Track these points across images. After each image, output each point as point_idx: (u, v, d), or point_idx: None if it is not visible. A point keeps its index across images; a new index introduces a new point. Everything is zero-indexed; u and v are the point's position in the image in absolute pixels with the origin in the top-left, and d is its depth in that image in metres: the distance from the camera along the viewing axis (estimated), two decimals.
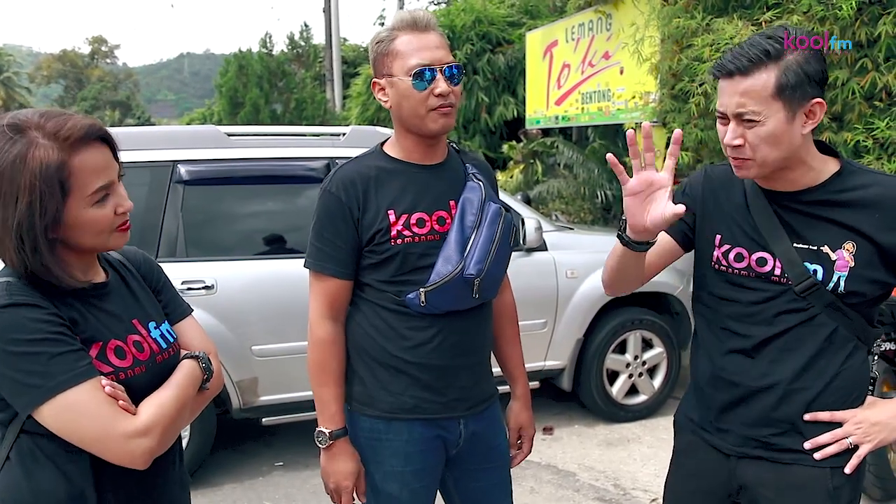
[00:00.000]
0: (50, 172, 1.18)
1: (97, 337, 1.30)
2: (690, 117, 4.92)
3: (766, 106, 1.44)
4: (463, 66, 1.76)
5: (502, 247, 1.80)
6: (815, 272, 1.53)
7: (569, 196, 7.95)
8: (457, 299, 1.77)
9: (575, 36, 7.28)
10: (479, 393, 1.89)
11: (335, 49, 16.15)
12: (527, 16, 10.46)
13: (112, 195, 1.29)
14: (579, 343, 4.30)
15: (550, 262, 4.22)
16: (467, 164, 1.89)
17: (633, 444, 4.15)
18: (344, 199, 1.76)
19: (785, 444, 1.58)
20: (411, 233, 1.75)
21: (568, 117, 7.59)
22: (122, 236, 1.34)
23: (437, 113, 1.73)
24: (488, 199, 1.81)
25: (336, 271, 1.79)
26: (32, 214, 1.19)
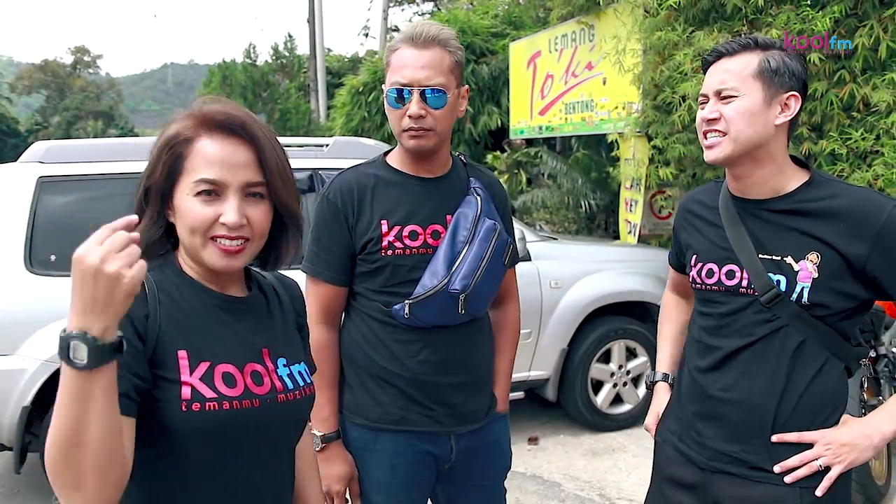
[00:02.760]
0: (172, 142, 1.16)
1: (208, 356, 1.15)
2: (673, 129, 4.97)
3: (745, 84, 1.51)
4: (446, 91, 1.72)
5: (494, 264, 1.78)
6: (779, 283, 1.53)
7: (553, 206, 7.96)
8: (441, 314, 1.76)
9: (558, 47, 7.32)
10: (472, 410, 1.86)
11: (319, 59, 16.16)
12: (510, 27, 10.50)
13: (224, 199, 1.15)
14: (564, 353, 4.32)
15: (534, 273, 4.23)
16: (472, 179, 1.87)
17: (618, 454, 4.16)
18: (340, 205, 1.78)
19: (754, 461, 1.57)
20: (402, 245, 1.75)
21: (552, 127, 7.62)
22: (223, 256, 1.16)
23: (408, 134, 1.73)
24: (483, 215, 1.79)
25: (331, 277, 1.80)
26: (150, 175, 1.16)
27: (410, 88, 1.70)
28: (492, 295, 1.87)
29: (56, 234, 3.39)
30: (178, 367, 1.12)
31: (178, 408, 1.09)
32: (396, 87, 1.71)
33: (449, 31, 1.75)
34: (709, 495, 1.65)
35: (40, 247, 3.38)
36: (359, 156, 3.89)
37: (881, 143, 3.78)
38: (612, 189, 6.85)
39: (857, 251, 1.48)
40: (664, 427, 1.81)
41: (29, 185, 3.43)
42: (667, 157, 5.18)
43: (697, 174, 5.28)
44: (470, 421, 1.86)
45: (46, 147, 3.64)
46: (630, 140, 5.80)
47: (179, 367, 1.12)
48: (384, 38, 16.86)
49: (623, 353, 4.49)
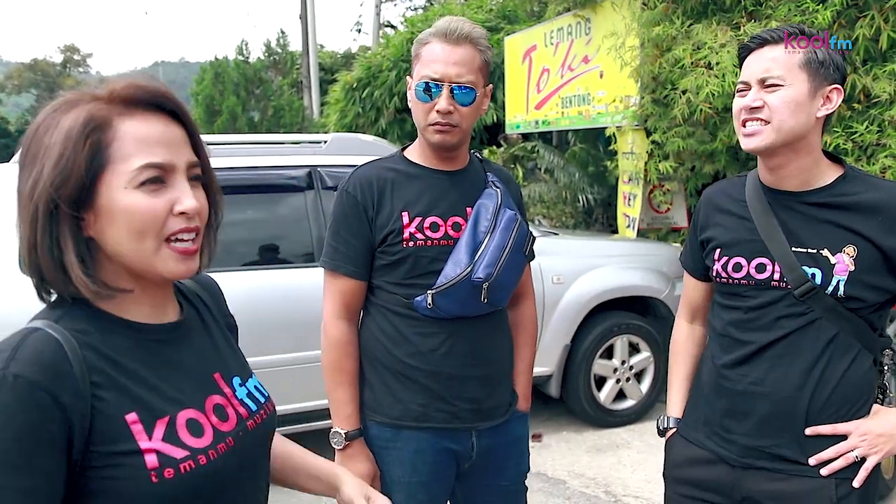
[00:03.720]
0: (81, 129, 0.91)
1: (164, 408, 0.96)
2: (672, 122, 4.94)
3: (791, 73, 1.48)
4: (476, 90, 1.73)
5: (515, 254, 1.78)
6: (814, 276, 1.51)
7: (550, 200, 7.93)
8: (465, 304, 1.75)
9: (554, 40, 7.28)
10: (494, 405, 1.85)
11: (312, 56, 16.08)
12: (505, 21, 10.46)
13: (171, 185, 0.96)
14: (566, 349, 4.29)
15: (536, 268, 4.18)
16: (489, 173, 1.89)
17: (623, 450, 4.14)
18: (360, 198, 1.76)
19: (788, 455, 1.56)
20: (424, 236, 1.74)
21: (548, 121, 7.59)
22: (182, 260, 0.97)
23: (434, 128, 1.73)
24: (504, 206, 1.80)
25: (350, 271, 1.78)
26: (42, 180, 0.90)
27: (440, 83, 1.70)
28: (514, 285, 1.86)
29: None
30: (133, 434, 0.92)
31: (147, 480, 0.92)
32: (426, 81, 1.71)
33: (480, 30, 1.76)
34: (738, 492, 1.63)
35: None
36: (357, 152, 3.87)
37: (886, 134, 3.75)
38: (610, 183, 6.83)
39: (893, 245, 1.48)
40: (685, 427, 1.77)
41: None
42: (666, 151, 5.16)
43: (696, 167, 5.26)
44: (492, 417, 1.84)
45: None
46: (628, 134, 5.77)
47: (133, 434, 0.92)
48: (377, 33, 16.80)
49: (626, 349, 4.47)
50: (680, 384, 1.85)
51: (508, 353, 1.94)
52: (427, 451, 1.79)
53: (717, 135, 4.68)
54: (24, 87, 61.97)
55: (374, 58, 11.29)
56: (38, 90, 61.25)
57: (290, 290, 3.56)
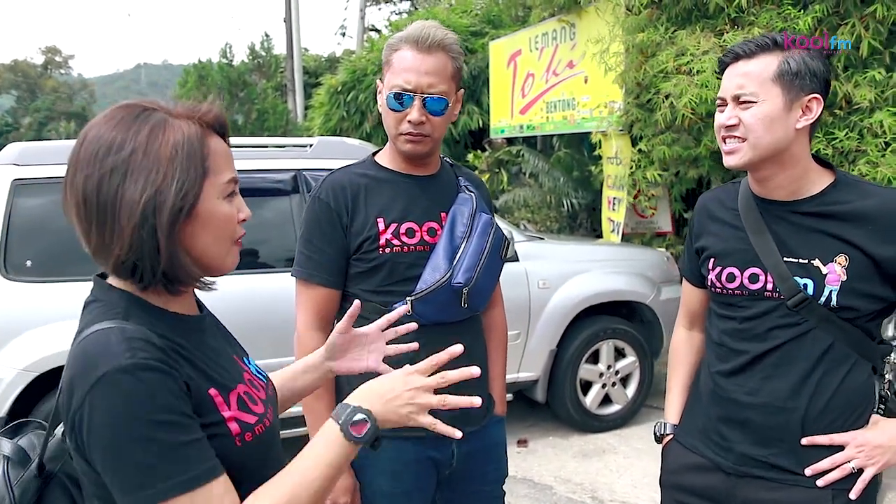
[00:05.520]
0: (193, 144, 1.02)
1: (229, 384, 1.09)
2: (657, 128, 4.96)
3: (764, 88, 1.47)
4: (448, 99, 1.73)
5: (492, 258, 1.78)
6: (806, 286, 1.51)
7: (534, 205, 7.95)
8: (444, 309, 1.74)
9: (539, 45, 7.31)
10: (473, 411, 1.84)
11: (296, 59, 16.03)
12: (489, 25, 10.47)
13: (236, 195, 1.10)
14: (552, 354, 4.29)
15: (522, 273, 4.20)
16: (460, 178, 1.88)
17: (609, 455, 4.14)
18: (333, 205, 1.74)
19: (784, 464, 1.56)
20: (400, 242, 1.74)
21: (533, 126, 7.60)
22: (237, 256, 1.12)
23: (406, 138, 1.72)
24: (479, 211, 1.80)
25: (324, 279, 1.76)
26: (166, 190, 0.98)
27: (412, 94, 1.69)
28: (492, 289, 1.86)
29: (32, 238, 3.30)
30: (217, 406, 1.04)
31: (233, 444, 1.05)
32: (397, 91, 1.69)
33: (452, 36, 1.74)
34: (734, 501, 1.62)
35: (16, 251, 3.28)
36: (343, 156, 3.85)
37: (865, 141, 3.79)
38: (595, 188, 6.85)
39: (886, 253, 1.47)
40: (682, 433, 1.78)
41: (3, 189, 3.33)
42: (651, 158, 5.19)
43: (681, 172, 5.29)
44: (471, 422, 1.84)
45: (21, 149, 3.53)
46: (613, 139, 5.79)
47: (217, 406, 1.04)
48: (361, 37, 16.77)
49: (612, 354, 4.48)
50: (678, 391, 1.85)
51: (485, 358, 1.94)
52: (408, 461, 1.77)
53: (702, 140, 4.71)
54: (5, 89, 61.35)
55: (359, 62, 11.27)
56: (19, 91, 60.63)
57: (274, 295, 3.53)
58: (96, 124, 1.02)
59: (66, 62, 66.86)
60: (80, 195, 1.00)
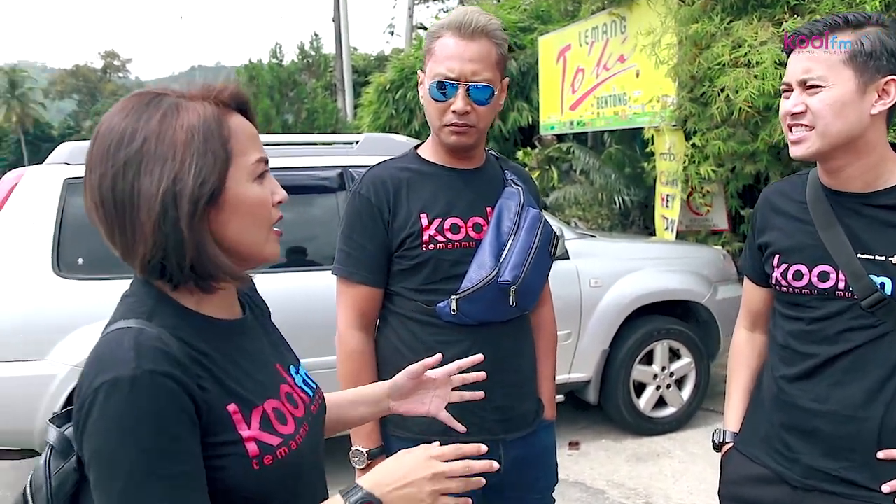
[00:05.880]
0: (209, 126, 0.93)
1: (254, 398, 0.98)
2: (712, 123, 4.80)
3: (834, 72, 1.35)
4: (493, 88, 1.64)
5: (541, 254, 1.71)
6: (883, 286, 1.39)
7: (586, 202, 7.82)
8: (491, 308, 1.67)
9: (589, 40, 7.17)
10: (521, 414, 1.78)
11: (345, 58, 16.13)
12: (538, 21, 10.34)
13: (268, 177, 1.01)
14: (605, 354, 4.17)
15: (573, 271, 4.09)
16: (506, 171, 1.81)
17: (664, 459, 4.01)
18: (374, 200, 1.68)
19: (857, 479, 1.43)
20: (444, 238, 1.67)
21: (583, 122, 7.47)
22: (277, 242, 1.03)
23: (451, 129, 1.65)
24: (527, 205, 1.73)
25: (365, 278, 1.70)
26: (184, 177, 0.90)
27: (456, 82, 1.61)
28: (541, 287, 1.79)
29: (84, 237, 3.32)
30: (234, 424, 0.95)
31: (249, 467, 0.94)
32: (440, 80, 1.62)
33: (496, 21, 1.66)
34: None
35: (68, 250, 3.32)
36: (390, 152, 3.76)
37: None
38: (647, 184, 6.69)
39: None
40: (743, 442, 1.66)
41: (56, 187, 3.37)
42: (706, 153, 5.03)
43: (737, 168, 5.11)
44: (519, 427, 1.77)
45: (72, 148, 3.57)
46: (666, 134, 5.64)
47: (235, 424, 0.95)
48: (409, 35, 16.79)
49: (666, 355, 4.33)
50: (738, 396, 1.72)
51: (533, 359, 1.86)
52: None
53: (759, 134, 4.54)
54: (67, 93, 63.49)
55: (407, 59, 11.27)
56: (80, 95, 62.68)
57: (322, 293, 3.49)
58: (108, 117, 0.95)
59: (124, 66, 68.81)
60: (98, 196, 0.93)
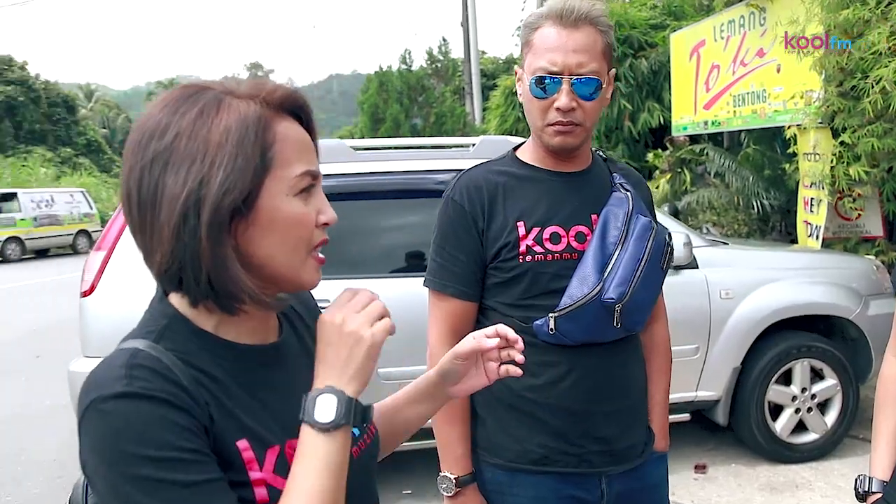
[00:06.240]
0: (248, 128, 0.83)
1: (272, 436, 0.87)
2: (864, 119, 4.35)
3: None
4: (600, 80, 1.48)
5: (652, 268, 1.52)
6: None
7: (720, 207, 7.36)
8: (593, 328, 1.50)
9: (724, 34, 6.74)
10: (627, 446, 1.59)
11: (474, 62, 16.16)
12: (670, 17, 9.90)
13: (316, 195, 0.90)
14: (736, 372, 3.85)
15: (702, 281, 3.80)
16: (615, 174, 1.63)
17: (803, 491, 3.64)
18: (468, 207, 1.55)
19: None
20: (543, 249, 1.51)
21: (718, 122, 7.04)
22: (318, 270, 0.92)
23: (554, 129, 1.50)
24: (636, 213, 1.55)
25: (459, 291, 1.58)
26: (211, 182, 0.80)
27: (558, 76, 1.46)
28: (651, 305, 1.60)
29: None
30: (244, 463, 0.84)
31: None
32: (541, 75, 1.47)
33: (600, 7, 1.49)
34: None
35: None
36: None
37: None
38: (789, 187, 6.20)
39: None
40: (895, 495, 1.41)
41: None
42: (857, 153, 4.57)
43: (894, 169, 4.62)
44: (625, 459, 1.59)
45: None
46: (810, 133, 5.18)
47: (245, 463, 0.84)
48: None
49: (807, 375, 3.94)
50: (886, 439, 1.46)
51: (643, 384, 1.67)
52: (549, 499, 1.54)
53: None
54: None
55: None
56: None
57: None
58: (149, 108, 0.87)
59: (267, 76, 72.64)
60: (125, 189, 0.85)
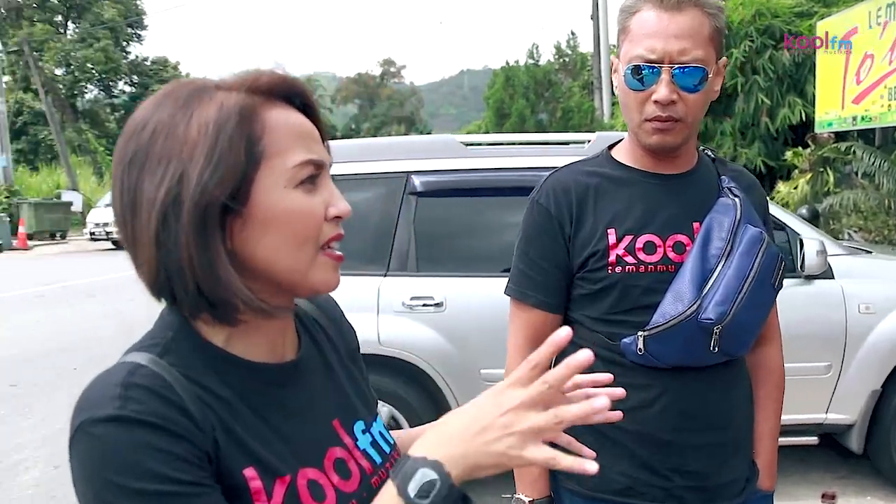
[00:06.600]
0: (229, 120, 0.75)
1: (283, 466, 0.79)
2: None
3: None
4: (706, 69, 1.32)
5: (760, 286, 1.33)
6: None
7: (868, 210, 6.77)
8: (687, 351, 1.33)
9: (881, 19, 6.16)
10: (724, 483, 1.41)
11: (603, 56, 15.79)
12: (819, 3, 9.21)
13: (323, 186, 0.81)
14: (875, 395, 3.46)
15: (837, 293, 3.45)
16: (723, 177, 1.45)
17: None
18: (554, 211, 1.42)
19: None
20: (636, 260, 1.36)
21: (869, 117, 6.47)
22: (334, 269, 0.83)
23: (652, 126, 1.33)
24: (744, 221, 1.36)
25: (541, 301, 1.45)
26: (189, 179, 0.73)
27: (658, 65, 1.30)
28: (756, 329, 1.41)
29: None
30: (251, 494, 0.75)
31: None
32: (637, 64, 1.31)
33: None
34: None
35: None
36: None
37: None
38: None
39: None
40: None
41: None
42: None
43: None
44: (720, 497, 1.40)
45: None
46: None
47: (252, 494, 0.75)
48: None
49: None
50: None
51: (748, 413, 1.47)
52: None
53: None
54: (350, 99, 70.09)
55: None
56: (361, 100, 68.87)
57: None
58: (141, 104, 0.80)
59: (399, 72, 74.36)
60: (113, 191, 0.79)
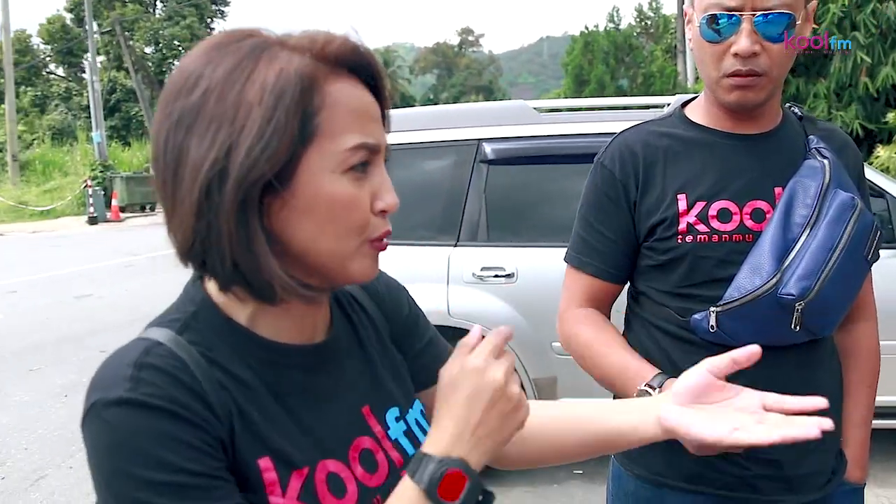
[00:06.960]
0: (290, 87, 0.68)
1: (302, 456, 0.74)
2: None
3: None
4: (793, 15, 1.18)
5: (850, 259, 1.20)
6: None
7: None
8: (764, 330, 1.21)
9: None
10: (807, 473, 1.29)
11: None
12: None
13: (374, 174, 0.74)
14: None
15: None
16: (811, 136, 1.31)
17: None
18: (619, 174, 1.33)
19: None
20: (708, 228, 1.25)
21: None
22: (375, 260, 0.77)
23: (731, 82, 1.21)
24: (834, 186, 1.23)
25: (600, 270, 1.36)
26: (237, 149, 0.66)
27: (737, 13, 1.17)
28: (845, 305, 1.28)
29: None
30: (264, 485, 0.70)
31: None
32: (714, 12, 1.19)
33: None
34: None
35: None
36: None
37: None
38: None
39: None
40: None
41: None
42: None
43: None
44: (803, 489, 1.29)
45: None
46: None
47: (265, 485, 0.70)
48: None
49: None
50: None
51: (835, 399, 1.33)
52: None
53: None
54: (428, 69, 70.14)
55: None
56: (439, 70, 68.82)
57: None
58: (189, 53, 0.73)
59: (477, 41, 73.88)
60: (153, 148, 0.72)
